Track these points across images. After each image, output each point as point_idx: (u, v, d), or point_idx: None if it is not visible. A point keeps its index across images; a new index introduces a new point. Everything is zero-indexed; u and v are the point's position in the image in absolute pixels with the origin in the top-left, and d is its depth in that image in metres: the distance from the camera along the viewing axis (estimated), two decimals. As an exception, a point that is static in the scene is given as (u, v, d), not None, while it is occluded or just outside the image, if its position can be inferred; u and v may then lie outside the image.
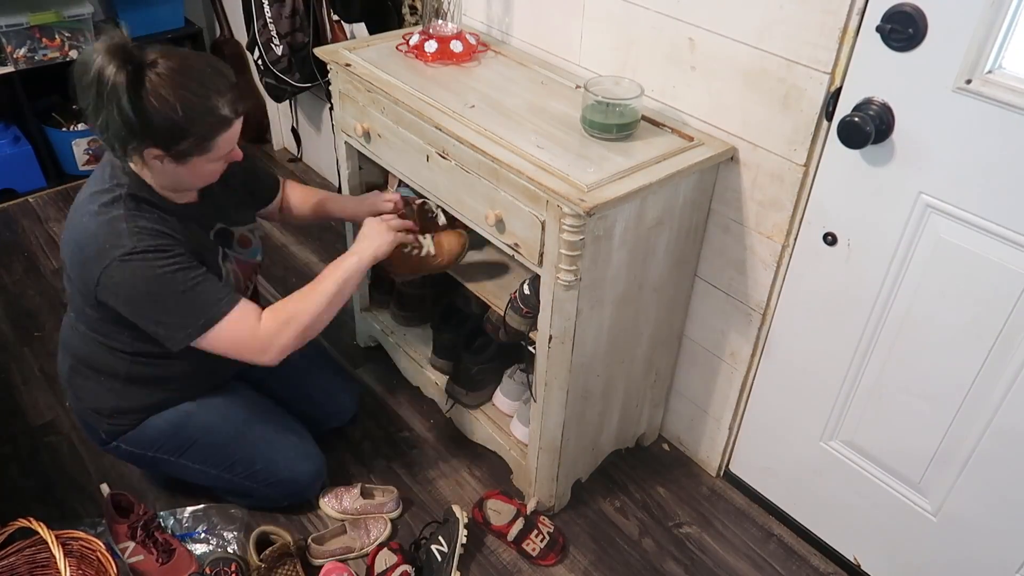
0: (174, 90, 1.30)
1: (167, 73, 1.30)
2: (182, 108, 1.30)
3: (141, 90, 1.29)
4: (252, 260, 1.69)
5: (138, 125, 1.30)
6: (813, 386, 1.65)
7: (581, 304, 1.48)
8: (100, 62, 1.27)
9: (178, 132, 1.32)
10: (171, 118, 1.30)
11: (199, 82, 1.32)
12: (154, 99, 1.29)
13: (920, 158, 1.29)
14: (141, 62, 1.30)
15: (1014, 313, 1.27)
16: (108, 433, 1.67)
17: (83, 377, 1.64)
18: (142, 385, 1.63)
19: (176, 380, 1.65)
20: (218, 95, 1.34)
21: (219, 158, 1.43)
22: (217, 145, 1.39)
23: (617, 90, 1.49)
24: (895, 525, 1.61)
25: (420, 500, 1.88)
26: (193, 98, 1.31)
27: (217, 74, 1.36)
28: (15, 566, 1.57)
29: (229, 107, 1.36)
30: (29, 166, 2.91)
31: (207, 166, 1.43)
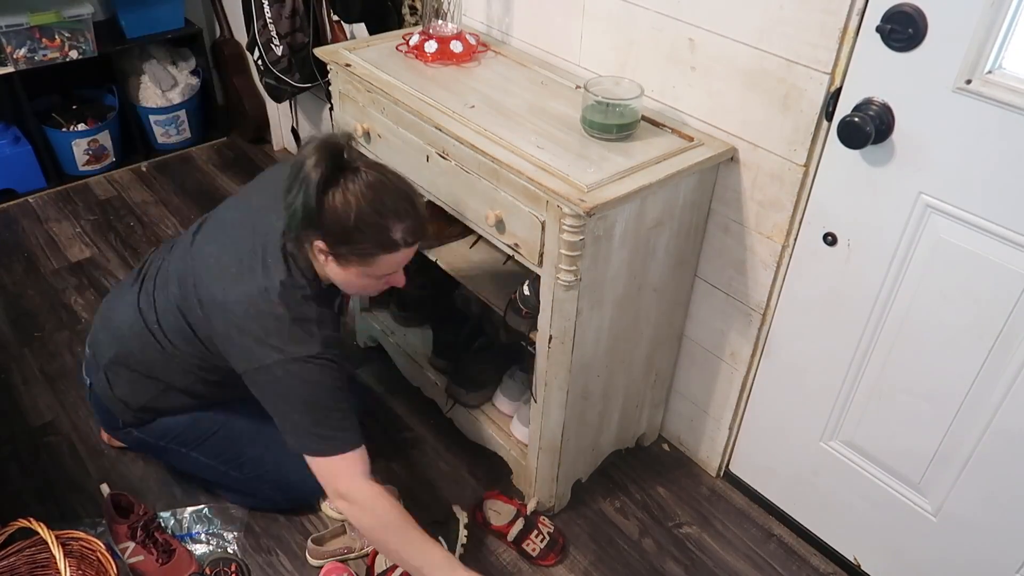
0: (358, 198, 1.35)
1: (359, 182, 1.36)
2: (356, 216, 1.35)
3: (329, 187, 1.35)
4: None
5: (315, 215, 1.35)
6: (813, 386, 1.65)
7: (581, 304, 1.48)
8: (307, 152, 1.35)
9: (345, 236, 1.37)
10: (343, 221, 1.36)
11: (384, 201, 1.37)
12: (337, 198, 1.35)
13: (920, 158, 1.29)
14: (343, 165, 1.37)
15: (1014, 313, 1.27)
16: (126, 423, 1.68)
17: (127, 371, 1.64)
18: (187, 396, 1.65)
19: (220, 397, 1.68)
20: (396, 219, 1.38)
21: (378, 276, 1.47)
22: (378, 263, 1.43)
23: (617, 90, 1.49)
24: (895, 525, 1.61)
25: (420, 500, 1.88)
26: (371, 212, 1.36)
27: (406, 201, 1.41)
28: (15, 566, 1.57)
29: (402, 234, 1.40)
30: (29, 166, 2.91)
31: (363, 279, 1.47)
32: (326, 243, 1.39)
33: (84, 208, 2.92)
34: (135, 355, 1.62)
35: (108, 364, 1.66)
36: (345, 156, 1.37)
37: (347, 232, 1.37)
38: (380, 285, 1.51)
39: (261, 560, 1.74)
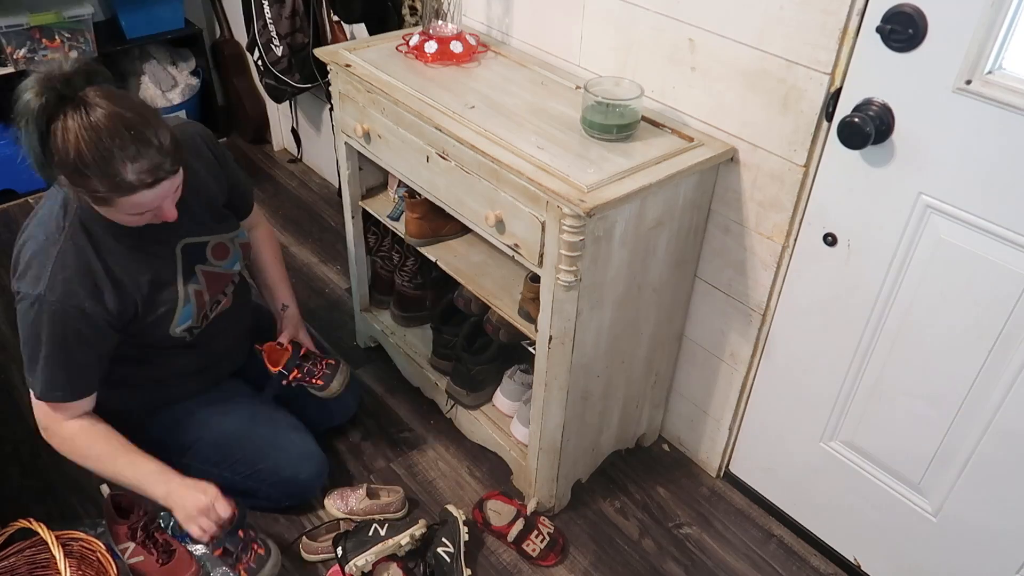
0: (80, 137, 1.24)
1: (84, 117, 1.24)
2: (79, 158, 1.25)
3: (51, 123, 1.25)
4: (228, 271, 1.67)
5: (42, 156, 1.28)
6: (813, 387, 1.65)
7: (581, 305, 1.48)
8: (27, 83, 1.25)
9: (76, 178, 1.28)
10: (67, 162, 1.26)
11: (113, 139, 1.24)
12: (58, 136, 1.25)
13: (920, 159, 1.29)
14: (66, 95, 1.24)
15: (1014, 314, 1.27)
16: None
17: None
18: (139, 387, 1.65)
19: (170, 378, 1.66)
20: (128, 160, 1.26)
21: (130, 215, 1.37)
22: (120, 205, 1.32)
23: (617, 91, 1.49)
24: (895, 526, 1.61)
25: (420, 500, 1.88)
26: (95, 153, 1.24)
27: (139, 139, 1.26)
28: (15, 567, 1.57)
29: (137, 175, 1.27)
30: (29, 167, 2.90)
31: (119, 215, 1.38)
32: (67, 181, 1.31)
33: (84, 208, 2.91)
34: None
35: None
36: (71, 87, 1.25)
37: (75, 173, 1.27)
38: (148, 218, 1.40)
39: (261, 560, 1.74)
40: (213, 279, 1.63)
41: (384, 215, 1.96)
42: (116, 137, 1.25)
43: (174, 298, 1.55)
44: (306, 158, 3.25)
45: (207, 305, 1.62)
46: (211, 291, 1.63)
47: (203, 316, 1.62)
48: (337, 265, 2.67)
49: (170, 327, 1.56)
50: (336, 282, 2.60)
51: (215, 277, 1.64)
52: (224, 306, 1.69)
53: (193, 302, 1.58)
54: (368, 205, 2.00)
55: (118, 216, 1.39)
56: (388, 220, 1.94)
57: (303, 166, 3.25)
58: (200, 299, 1.60)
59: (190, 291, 1.58)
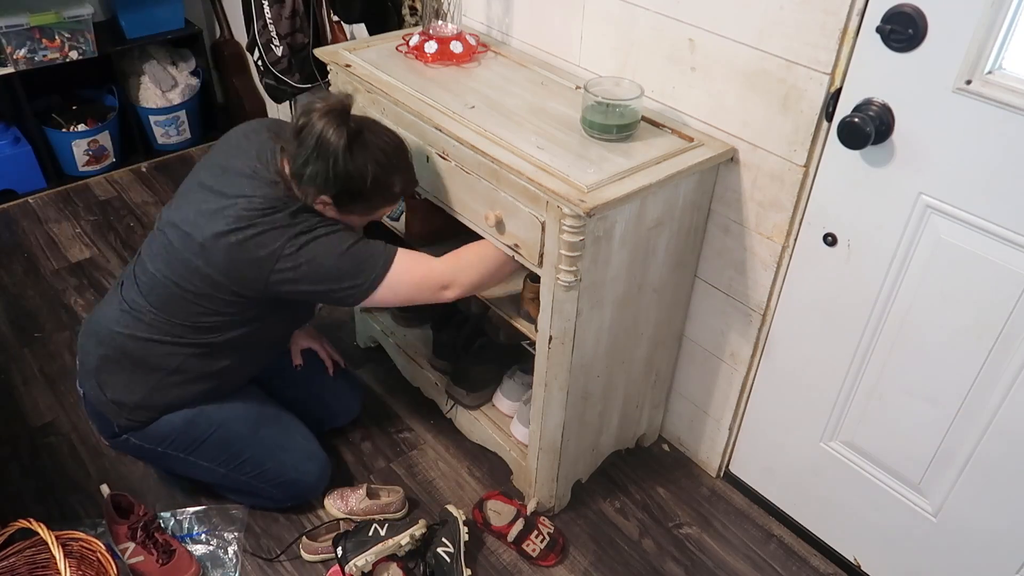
0: (371, 162, 1.45)
1: (370, 145, 1.45)
2: (372, 179, 1.45)
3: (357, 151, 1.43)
4: None
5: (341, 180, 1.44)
6: (813, 387, 1.65)
7: (581, 305, 1.48)
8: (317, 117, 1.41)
9: (358, 195, 1.48)
10: (359, 184, 1.45)
11: (390, 160, 1.48)
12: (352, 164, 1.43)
13: (920, 159, 1.29)
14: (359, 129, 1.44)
15: (1014, 314, 1.27)
16: (121, 427, 1.67)
17: (117, 368, 1.63)
18: (184, 379, 1.64)
19: (219, 375, 1.67)
20: (399, 173, 1.51)
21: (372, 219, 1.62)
22: (378, 212, 1.57)
23: (617, 91, 1.49)
24: (895, 526, 1.61)
25: (420, 500, 1.88)
26: (383, 173, 1.46)
27: (404, 154, 1.52)
28: (15, 567, 1.57)
29: (401, 186, 1.52)
30: (29, 167, 2.91)
31: (359, 222, 1.59)
32: (333, 199, 1.47)
33: (84, 209, 2.92)
34: (123, 349, 1.62)
35: (97, 368, 1.66)
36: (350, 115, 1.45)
37: (360, 193, 1.46)
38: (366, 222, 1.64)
39: (261, 560, 1.74)
40: None
41: (384, 215, 1.95)
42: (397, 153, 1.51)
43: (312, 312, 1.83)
44: (306, 158, 3.24)
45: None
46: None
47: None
48: (337, 265, 2.67)
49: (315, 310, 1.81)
50: (336, 282, 2.60)
51: None
52: None
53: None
54: (368, 205, 2.00)
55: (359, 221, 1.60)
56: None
57: (303, 166, 3.24)
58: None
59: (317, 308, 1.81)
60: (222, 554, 1.73)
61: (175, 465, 1.74)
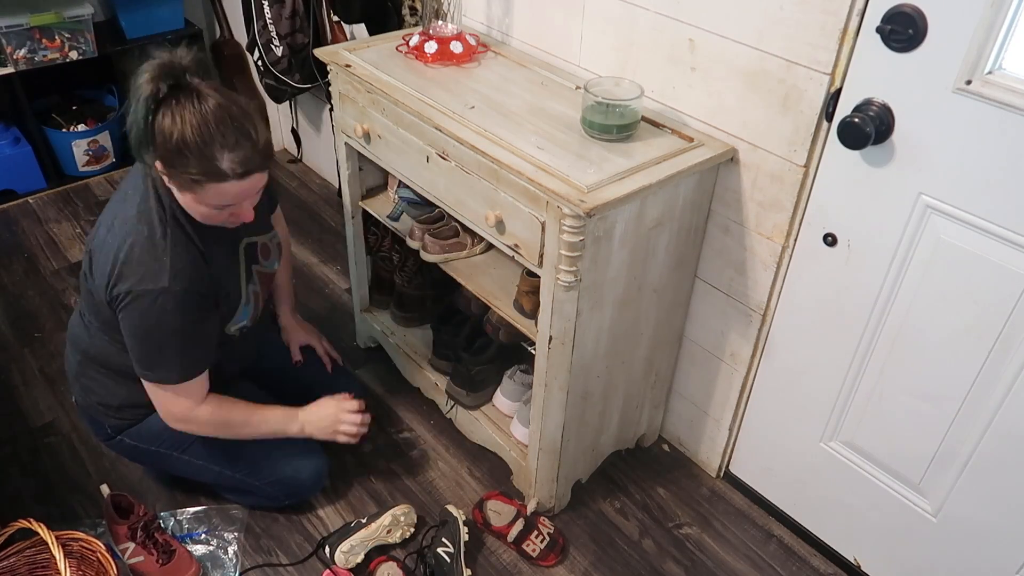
0: (184, 120, 1.32)
1: (191, 104, 1.33)
2: (179, 138, 1.32)
3: (161, 106, 1.33)
4: (271, 271, 1.72)
5: (145, 134, 1.34)
6: (813, 387, 1.65)
7: (581, 305, 1.48)
8: (144, 68, 1.32)
9: (170, 158, 1.35)
10: (169, 143, 1.33)
11: (212, 126, 1.33)
12: (165, 118, 1.32)
13: (920, 159, 1.29)
14: (180, 84, 1.34)
15: (1014, 314, 1.27)
16: (113, 428, 1.68)
17: (93, 371, 1.65)
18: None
19: None
20: (224, 148, 1.34)
21: (212, 206, 1.42)
22: (206, 192, 1.38)
23: (617, 91, 1.49)
24: (895, 526, 1.61)
25: (420, 501, 1.88)
26: (196, 137, 1.32)
27: (239, 131, 1.35)
28: (15, 567, 1.57)
29: (231, 164, 1.35)
30: (29, 167, 2.91)
31: (202, 208, 1.42)
32: (160, 163, 1.37)
33: (84, 209, 2.92)
34: (89, 353, 1.64)
35: (77, 372, 1.69)
36: (186, 78, 1.34)
37: (172, 155, 1.34)
38: (224, 216, 1.46)
39: (261, 560, 1.74)
40: (264, 280, 1.69)
41: (384, 215, 1.96)
42: (220, 124, 1.33)
43: (238, 297, 1.60)
44: (306, 158, 3.25)
45: (261, 306, 1.68)
46: (263, 292, 1.69)
47: (254, 317, 1.67)
48: (337, 265, 2.67)
49: (227, 325, 1.60)
50: (336, 282, 2.60)
51: (266, 278, 1.70)
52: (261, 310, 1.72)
53: (251, 303, 1.64)
54: (368, 205, 2.00)
55: (198, 208, 1.43)
56: (388, 220, 1.95)
57: (303, 166, 3.25)
58: (257, 301, 1.66)
59: (250, 292, 1.64)
60: (222, 554, 1.73)
61: (171, 465, 1.74)
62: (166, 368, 1.50)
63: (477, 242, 1.82)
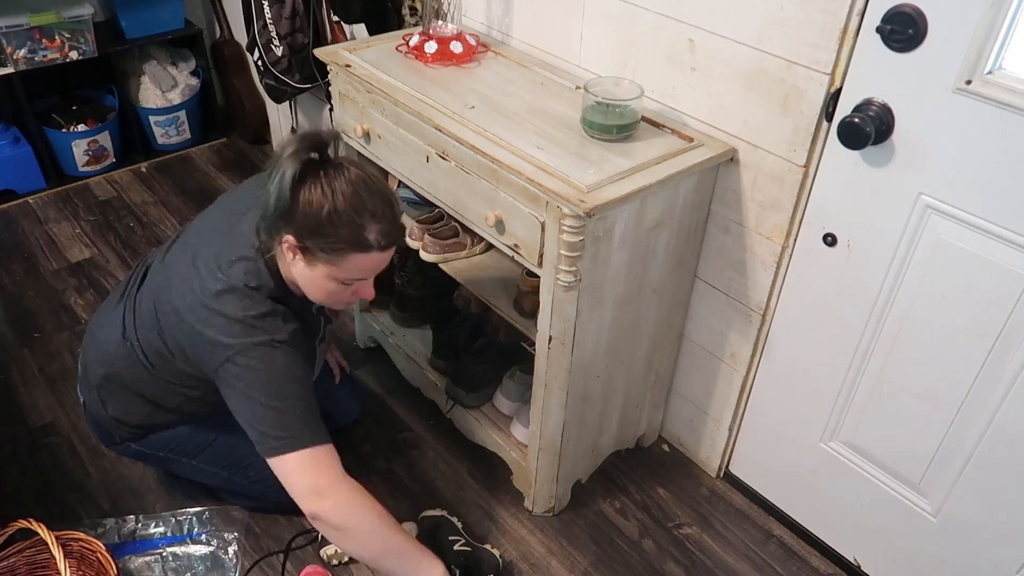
0: (335, 192, 1.32)
1: (339, 177, 1.33)
2: (331, 209, 1.31)
3: (307, 180, 1.32)
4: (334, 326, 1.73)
5: (288, 206, 1.32)
6: (813, 387, 1.65)
7: (581, 305, 1.48)
8: (288, 142, 1.32)
9: (317, 228, 1.33)
10: (317, 214, 1.32)
11: (362, 198, 1.33)
12: (314, 192, 1.32)
13: (920, 159, 1.29)
14: (324, 159, 1.35)
15: (1014, 314, 1.27)
16: (122, 438, 1.67)
17: (118, 389, 1.61)
18: (182, 415, 1.64)
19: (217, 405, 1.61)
20: (372, 219, 1.34)
21: (345, 280, 1.40)
22: (347, 263, 1.36)
23: (617, 91, 1.49)
24: (895, 526, 1.61)
25: (420, 501, 1.88)
26: (347, 207, 1.32)
27: (385, 203, 1.36)
28: (15, 567, 1.57)
29: (376, 235, 1.35)
30: (29, 167, 2.91)
31: (329, 283, 1.40)
32: (296, 237, 1.34)
33: (84, 209, 2.92)
34: (123, 374, 1.59)
35: (99, 384, 1.63)
36: (328, 151, 1.35)
37: (320, 225, 1.32)
38: (346, 294, 1.44)
39: (261, 560, 1.74)
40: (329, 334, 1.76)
41: (365, 276, 1.94)
42: (372, 195, 1.35)
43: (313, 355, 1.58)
44: (306, 158, 3.24)
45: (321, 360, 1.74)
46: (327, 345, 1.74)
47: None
48: (337, 265, 2.67)
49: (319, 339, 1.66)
50: (336, 282, 2.60)
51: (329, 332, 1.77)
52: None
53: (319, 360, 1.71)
54: (368, 205, 2.00)
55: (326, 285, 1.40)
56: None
57: (303, 166, 3.24)
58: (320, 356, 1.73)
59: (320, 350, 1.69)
60: (222, 554, 1.73)
61: (178, 469, 1.74)
62: (301, 428, 1.37)
63: (477, 242, 1.82)
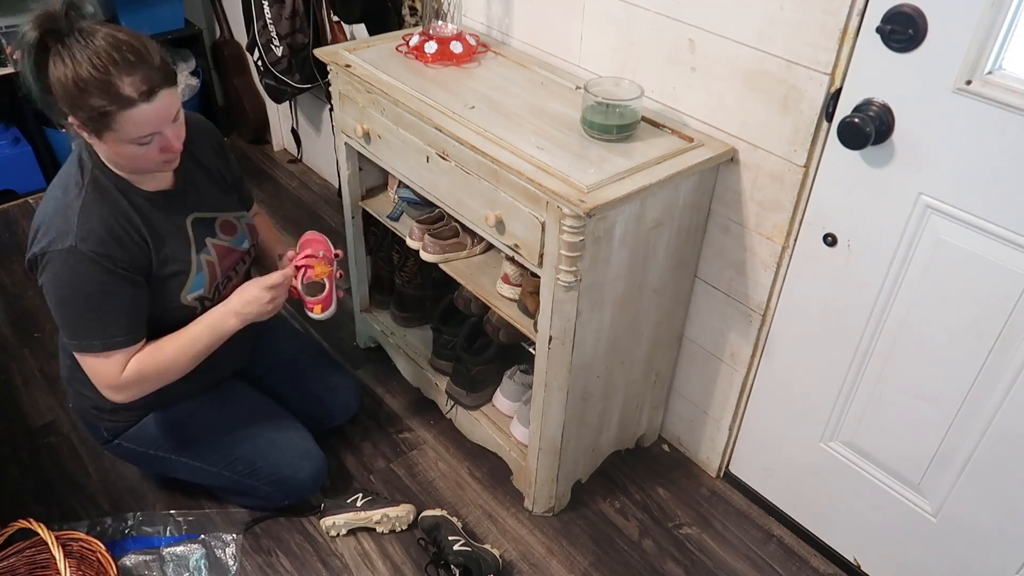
0: (73, 61, 1.28)
1: (78, 43, 1.28)
2: (74, 79, 1.28)
3: (46, 53, 1.29)
4: (238, 247, 1.67)
5: (38, 88, 1.31)
6: (813, 387, 1.65)
7: (581, 305, 1.48)
8: (24, 22, 1.29)
9: (77, 101, 1.30)
10: (68, 86, 1.29)
11: (106, 55, 1.28)
12: (57, 65, 1.29)
13: (920, 159, 1.29)
14: (61, 28, 1.29)
15: (1014, 314, 1.27)
16: (110, 431, 1.67)
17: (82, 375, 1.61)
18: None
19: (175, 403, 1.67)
20: (123, 73, 1.29)
21: (133, 140, 1.36)
22: (121, 125, 1.32)
23: (617, 91, 1.49)
24: (895, 526, 1.61)
25: (420, 501, 1.88)
26: (92, 70, 1.27)
27: (132, 52, 1.30)
28: (15, 567, 1.57)
29: (131, 87, 1.29)
30: (29, 167, 2.91)
31: (127, 148, 1.37)
32: (72, 115, 1.32)
33: (84, 209, 2.91)
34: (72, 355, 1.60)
35: (69, 377, 1.66)
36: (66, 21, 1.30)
37: (74, 97, 1.29)
38: (153, 153, 1.40)
39: (261, 560, 1.74)
40: (224, 252, 1.64)
41: (384, 215, 1.96)
42: (112, 52, 1.29)
43: (187, 263, 1.56)
44: (306, 158, 3.25)
45: (219, 277, 1.63)
46: (223, 265, 1.63)
47: (215, 288, 1.62)
48: (337, 265, 2.67)
49: (182, 292, 1.56)
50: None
51: (226, 251, 1.65)
52: (235, 285, 1.67)
53: (205, 271, 1.59)
54: (368, 205, 2.00)
55: (124, 151, 1.38)
56: (388, 221, 1.94)
57: (303, 166, 3.25)
58: (212, 270, 1.60)
59: (202, 260, 1.59)
60: (222, 554, 1.73)
61: (169, 468, 1.74)
62: (87, 334, 1.44)
63: (477, 242, 1.82)
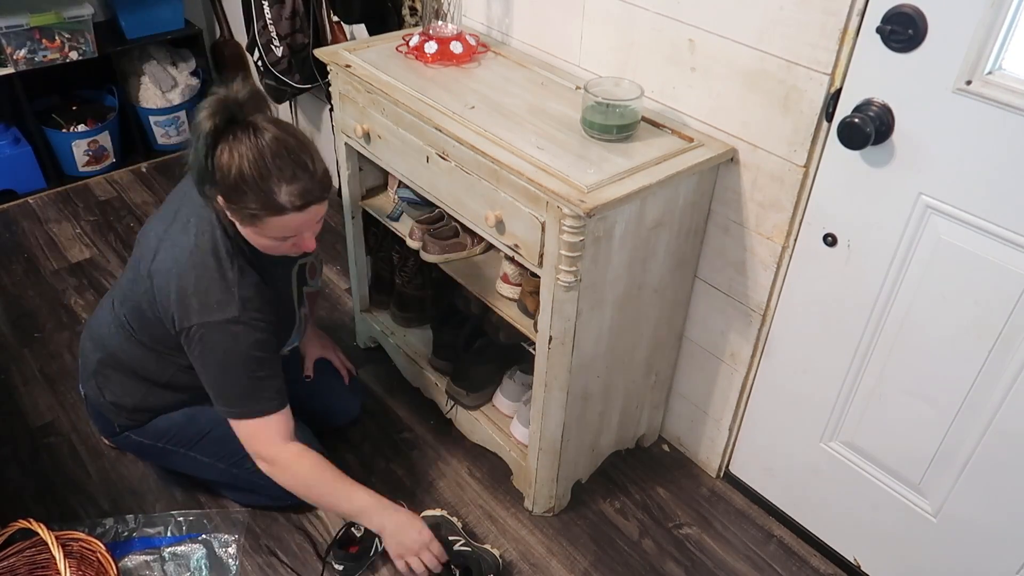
0: (243, 155, 1.33)
1: (249, 139, 1.34)
2: (238, 173, 1.33)
3: (219, 142, 1.34)
4: (315, 289, 1.73)
5: (205, 169, 1.35)
6: (813, 387, 1.65)
7: (581, 305, 1.48)
8: (203, 105, 1.34)
9: (232, 192, 1.36)
10: (228, 178, 1.34)
11: (270, 160, 1.34)
12: (223, 154, 1.34)
13: (920, 159, 1.29)
14: (236, 119, 1.35)
15: (1014, 314, 1.27)
16: (121, 426, 1.70)
17: (113, 373, 1.66)
18: (176, 390, 1.66)
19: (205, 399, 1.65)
20: (283, 181, 1.35)
21: (273, 238, 1.43)
22: (266, 225, 1.39)
23: (617, 91, 1.49)
24: (895, 526, 1.61)
25: (420, 501, 1.88)
26: (253, 171, 1.33)
27: (297, 163, 1.36)
28: (15, 567, 1.57)
29: (289, 197, 1.36)
30: (29, 167, 2.91)
31: (264, 240, 1.44)
32: (223, 198, 1.38)
33: (84, 209, 2.92)
34: (116, 355, 1.65)
35: (96, 370, 1.69)
36: (243, 112, 1.36)
37: (231, 189, 1.35)
38: (287, 247, 1.48)
39: (261, 561, 1.74)
40: (311, 299, 1.70)
41: (384, 215, 1.96)
42: (277, 158, 1.34)
43: (292, 320, 1.61)
44: (306, 158, 3.24)
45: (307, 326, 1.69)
46: (311, 312, 1.70)
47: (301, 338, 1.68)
48: (337, 265, 2.67)
49: (282, 347, 1.60)
50: (336, 282, 2.60)
51: (312, 297, 1.71)
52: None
53: (302, 324, 1.65)
54: (368, 205, 2.00)
55: (261, 240, 1.45)
56: (388, 221, 1.95)
57: (303, 166, 3.24)
58: (305, 322, 1.67)
59: (302, 314, 1.65)
60: (222, 554, 1.73)
61: (176, 462, 1.75)
62: (251, 399, 1.49)
63: (477, 242, 1.82)
